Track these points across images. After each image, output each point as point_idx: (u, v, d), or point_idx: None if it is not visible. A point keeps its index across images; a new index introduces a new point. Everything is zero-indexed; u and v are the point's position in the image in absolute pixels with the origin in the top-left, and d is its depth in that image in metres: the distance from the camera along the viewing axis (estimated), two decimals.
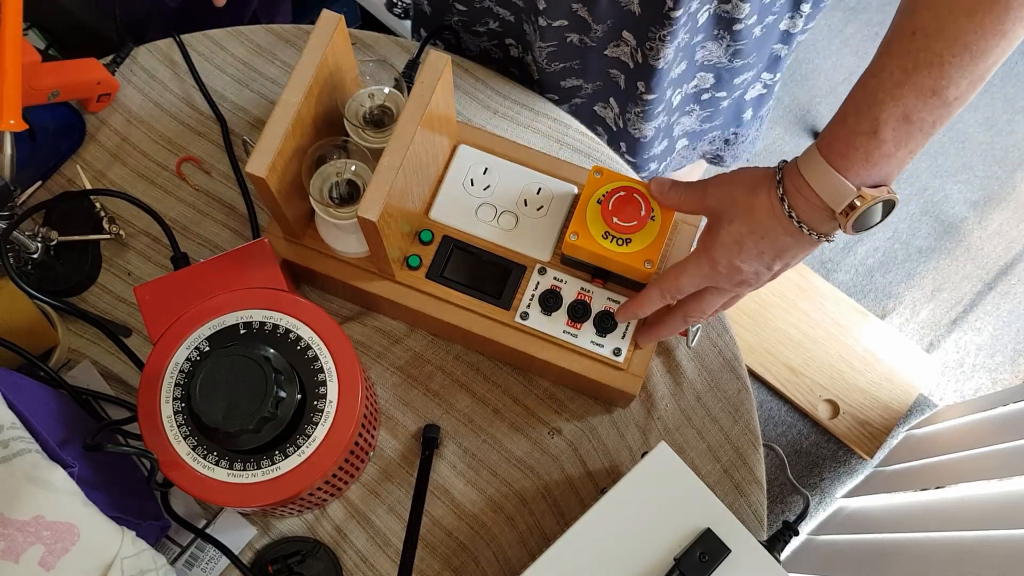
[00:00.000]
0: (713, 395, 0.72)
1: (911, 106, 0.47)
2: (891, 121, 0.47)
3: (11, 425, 0.51)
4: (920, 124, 0.48)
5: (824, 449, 1.48)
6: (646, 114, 0.82)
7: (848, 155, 0.49)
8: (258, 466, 0.55)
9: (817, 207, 0.51)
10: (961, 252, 1.62)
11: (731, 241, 0.55)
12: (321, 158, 0.62)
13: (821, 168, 0.50)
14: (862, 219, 0.50)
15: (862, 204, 0.49)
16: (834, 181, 0.49)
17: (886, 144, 0.48)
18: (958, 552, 0.96)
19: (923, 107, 0.47)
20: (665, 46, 0.72)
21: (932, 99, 0.47)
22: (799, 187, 0.51)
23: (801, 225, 0.52)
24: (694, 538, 0.55)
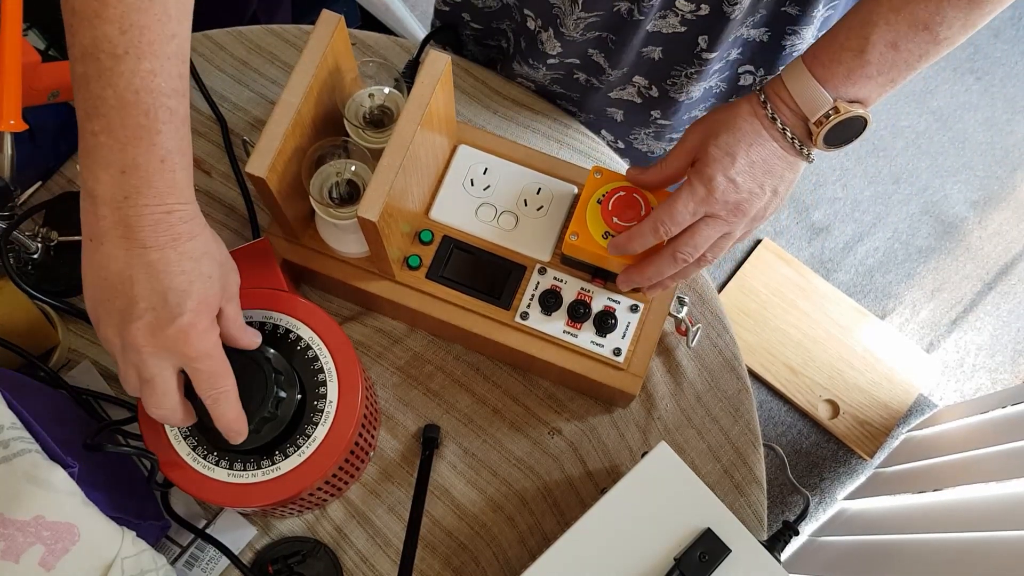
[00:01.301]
0: (713, 395, 0.72)
1: (902, 34, 0.48)
2: (880, 44, 0.49)
3: (11, 425, 0.51)
4: (906, 55, 0.49)
5: (824, 449, 1.48)
6: (659, 134, 0.82)
7: (831, 67, 0.50)
8: (258, 466, 0.55)
9: (796, 114, 0.52)
10: (961, 252, 1.62)
11: (722, 154, 0.54)
12: (321, 158, 0.62)
13: (803, 76, 0.51)
14: (834, 132, 0.52)
15: (835, 116, 0.51)
16: (813, 90, 0.51)
17: (870, 66, 0.50)
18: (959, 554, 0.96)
19: (913, 38, 0.48)
20: (693, 83, 0.73)
21: (923, 33, 0.48)
22: (780, 94, 0.53)
23: (785, 128, 0.53)
24: (694, 538, 0.55)
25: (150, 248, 0.46)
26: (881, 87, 0.51)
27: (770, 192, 0.55)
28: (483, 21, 0.81)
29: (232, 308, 0.52)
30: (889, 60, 0.49)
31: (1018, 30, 1.76)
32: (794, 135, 0.53)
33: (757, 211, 0.56)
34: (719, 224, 0.56)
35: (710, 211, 0.55)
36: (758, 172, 0.54)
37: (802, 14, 0.66)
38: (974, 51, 1.74)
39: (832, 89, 0.51)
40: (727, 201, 0.55)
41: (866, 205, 1.64)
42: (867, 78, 0.50)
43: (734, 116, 0.54)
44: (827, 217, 1.63)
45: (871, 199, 1.64)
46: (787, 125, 0.53)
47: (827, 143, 0.53)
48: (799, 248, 1.61)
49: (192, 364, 0.48)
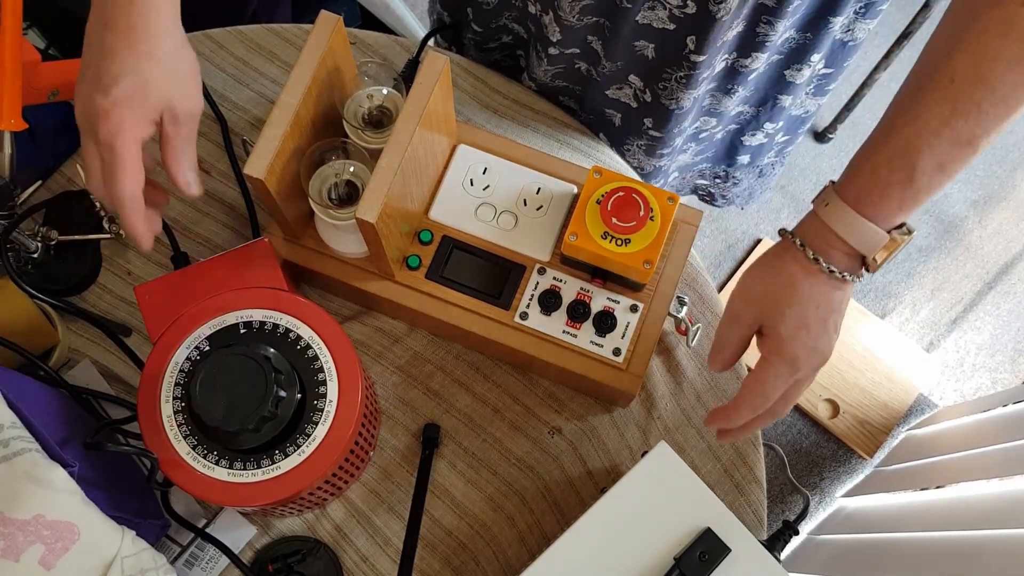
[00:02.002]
0: (713, 394, 0.72)
1: (946, 155, 0.47)
2: (928, 170, 0.48)
3: (11, 424, 0.51)
4: (952, 171, 0.48)
5: (824, 449, 1.48)
6: (650, 149, 0.82)
7: (882, 205, 0.49)
8: (258, 465, 0.55)
9: (851, 256, 0.51)
10: (961, 251, 1.62)
11: (795, 329, 0.52)
12: (320, 159, 0.62)
13: (852, 219, 0.50)
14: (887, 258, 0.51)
15: (894, 246, 0.50)
16: (867, 230, 0.49)
17: (920, 193, 0.49)
18: (958, 551, 0.96)
19: (957, 155, 0.47)
20: (683, 90, 0.72)
21: (966, 148, 0.47)
22: (827, 240, 0.51)
23: (844, 275, 0.51)
24: (694, 537, 0.55)
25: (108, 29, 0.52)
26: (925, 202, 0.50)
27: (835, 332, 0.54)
28: (484, 22, 0.81)
29: (173, 131, 0.54)
30: (937, 182, 0.48)
31: None
32: (852, 275, 0.51)
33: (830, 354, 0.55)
34: (806, 383, 0.55)
35: (799, 378, 0.54)
36: (831, 326, 0.53)
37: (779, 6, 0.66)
38: None
39: (884, 224, 0.50)
40: (813, 364, 0.53)
41: None
42: (917, 203, 0.49)
43: (790, 283, 0.52)
44: None
45: None
46: (844, 270, 0.51)
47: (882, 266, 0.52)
48: None
49: (100, 149, 0.52)
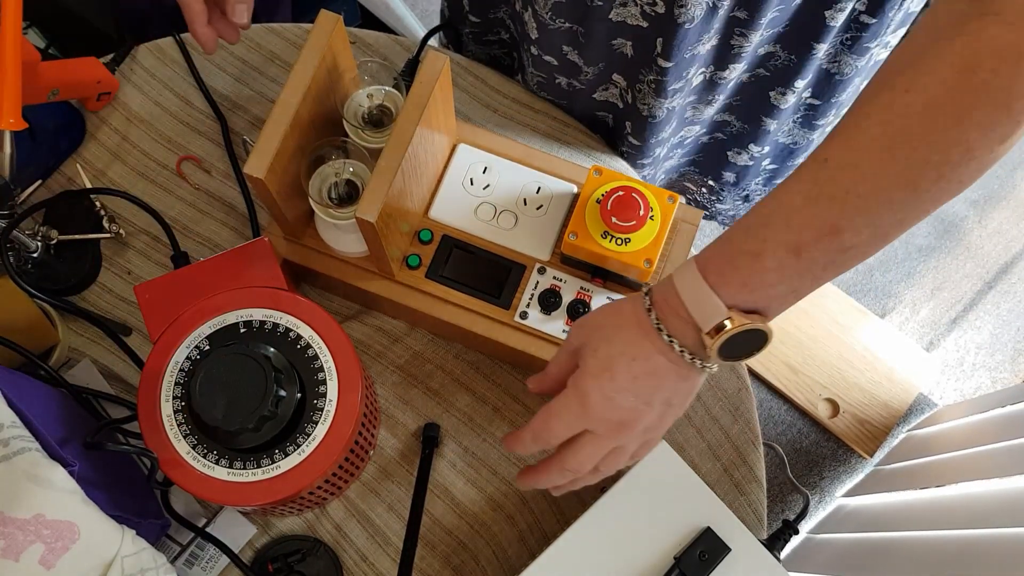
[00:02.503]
0: (713, 394, 0.72)
1: (804, 239, 0.42)
2: (779, 249, 0.43)
3: (11, 424, 0.51)
4: (809, 263, 0.43)
5: (824, 448, 1.48)
6: (631, 157, 0.82)
7: (726, 273, 0.44)
8: (258, 465, 0.55)
9: (686, 323, 0.45)
10: (961, 251, 1.62)
11: (599, 368, 0.47)
12: (320, 158, 0.62)
13: (695, 281, 0.45)
14: (730, 346, 0.45)
15: (731, 328, 0.44)
16: (706, 297, 0.44)
17: (768, 273, 0.43)
18: (958, 551, 0.96)
19: (815, 244, 0.42)
20: (656, 98, 0.71)
21: (827, 239, 0.42)
22: (669, 299, 0.46)
23: (672, 341, 0.46)
24: (694, 537, 0.55)
25: None
26: (783, 298, 0.44)
27: (661, 406, 0.48)
28: (481, 12, 0.81)
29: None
30: (791, 267, 0.43)
31: None
32: (684, 347, 0.46)
33: (648, 425, 0.49)
34: (601, 441, 0.49)
35: (589, 427, 0.49)
36: (643, 389, 0.47)
37: (751, 19, 0.65)
38: None
39: (727, 297, 0.44)
40: (606, 419, 0.48)
41: None
42: (766, 286, 0.43)
43: (616, 324, 0.48)
44: None
45: None
46: (675, 336, 0.46)
47: (722, 355, 0.46)
48: None
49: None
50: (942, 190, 0.41)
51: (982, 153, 0.40)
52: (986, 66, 0.38)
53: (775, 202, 0.44)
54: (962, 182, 0.41)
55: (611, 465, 0.51)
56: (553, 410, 0.49)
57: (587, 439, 0.49)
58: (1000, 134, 0.39)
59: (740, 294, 0.44)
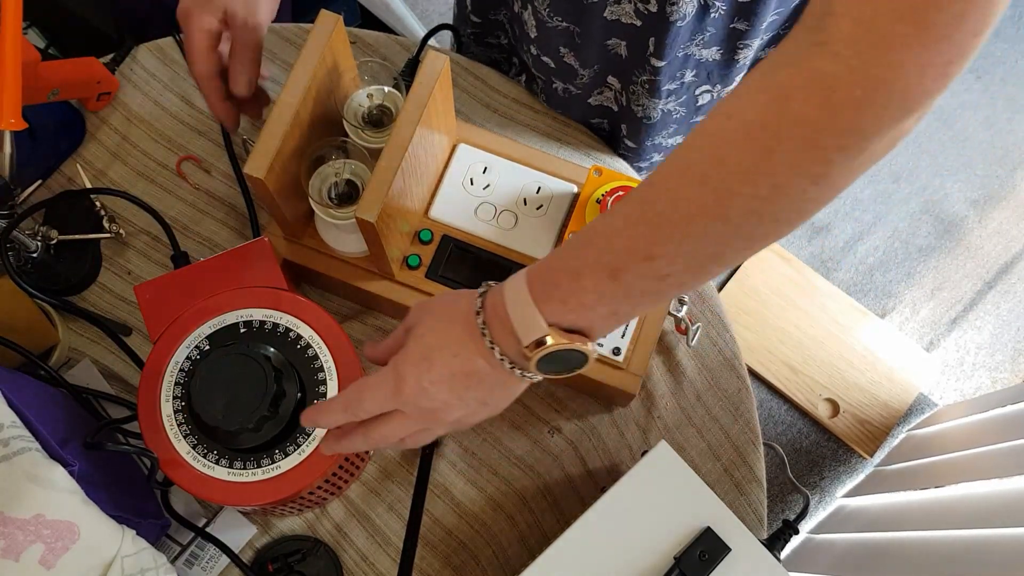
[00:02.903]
0: (713, 394, 0.72)
1: (620, 263, 0.41)
2: (597, 271, 0.42)
3: (11, 424, 0.51)
4: (626, 288, 0.42)
5: (824, 448, 1.48)
6: (627, 159, 0.82)
7: (548, 290, 0.43)
8: (258, 465, 0.55)
9: (509, 333, 0.44)
10: (961, 251, 1.62)
11: (419, 356, 0.47)
12: (320, 158, 0.62)
13: (521, 294, 0.44)
14: (550, 362, 0.44)
15: (549, 345, 0.43)
16: (528, 311, 0.43)
17: (587, 293, 0.42)
18: (958, 551, 0.96)
19: (632, 269, 0.41)
20: (650, 98, 0.71)
21: (643, 264, 0.41)
22: (496, 307, 0.45)
23: (494, 347, 0.45)
24: (694, 537, 0.55)
25: None
26: (604, 320, 0.43)
27: (475, 404, 0.48)
28: (482, 12, 0.81)
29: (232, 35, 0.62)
30: (609, 291, 0.42)
31: (1018, 29, 1.76)
32: (505, 355, 0.45)
33: (458, 417, 0.49)
34: (409, 423, 0.49)
35: (400, 408, 0.48)
36: (458, 386, 0.47)
37: (751, 28, 0.65)
38: None
39: (548, 314, 0.43)
40: (418, 406, 0.48)
41: (866, 204, 1.64)
42: (584, 307, 0.42)
43: (447, 316, 0.47)
44: (827, 216, 1.63)
45: (871, 198, 1.64)
46: (497, 343, 0.45)
47: (541, 370, 0.45)
48: (799, 247, 1.61)
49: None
50: (756, 226, 0.39)
51: (793, 192, 0.38)
52: (798, 97, 0.36)
53: (603, 221, 0.43)
54: (778, 221, 0.39)
55: (415, 442, 0.51)
56: (368, 385, 0.49)
57: (396, 417, 0.49)
58: (811, 173, 0.37)
59: (560, 312, 0.43)
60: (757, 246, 0.41)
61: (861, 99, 0.35)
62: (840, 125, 0.36)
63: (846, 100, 0.35)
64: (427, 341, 0.47)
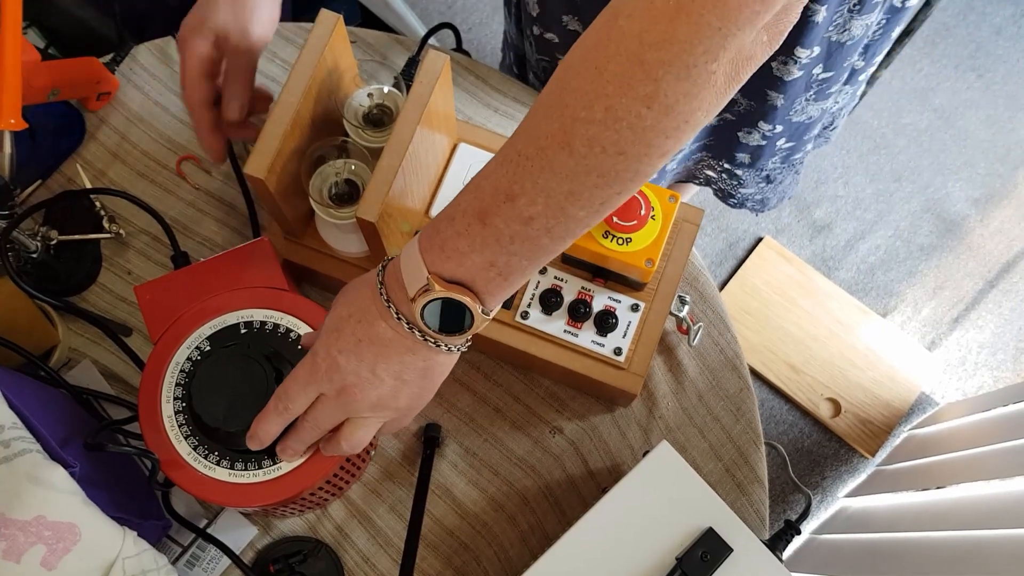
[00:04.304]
0: (715, 394, 0.71)
1: (487, 204, 0.41)
2: (468, 214, 0.42)
3: (12, 425, 0.51)
4: (496, 233, 0.41)
5: (826, 448, 1.48)
6: None
7: (432, 238, 0.44)
8: (259, 466, 0.55)
9: (400, 288, 0.45)
10: (963, 250, 1.62)
11: (331, 327, 0.47)
12: (320, 158, 0.62)
13: (412, 248, 0.44)
14: (437, 316, 0.44)
15: (427, 294, 0.43)
16: (414, 261, 0.44)
17: (459, 238, 0.42)
18: (960, 551, 0.95)
19: (498, 212, 0.41)
20: None
21: (506, 205, 0.41)
22: (394, 266, 0.46)
23: (390, 305, 0.45)
24: (696, 537, 0.55)
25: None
26: (482, 270, 0.43)
27: (391, 380, 0.47)
28: None
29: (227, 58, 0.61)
30: (479, 236, 0.42)
31: (1019, 28, 1.76)
32: (401, 314, 0.45)
33: (378, 399, 0.48)
34: (332, 406, 0.49)
35: (320, 390, 0.49)
36: (367, 355, 0.46)
37: None
38: (976, 48, 1.74)
39: (429, 263, 0.43)
40: (331, 381, 0.47)
41: (868, 203, 1.64)
42: (460, 254, 0.42)
43: (356, 288, 0.48)
44: (828, 215, 1.63)
45: (872, 197, 1.64)
46: (393, 302, 0.45)
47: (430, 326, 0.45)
48: (800, 246, 1.60)
49: None
50: (601, 157, 0.38)
51: (629, 115, 0.37)
52: (624, 11, 0.36)
53: (481, 169, 0.43)
54: (623, 154, 0.38)
55: (354, 440, 0.51)
56: (294, 372, 0.50)
57: (320, 400, 0.49)
58: (640, 93, 0.36)
59: (439, 261, 0.43)
60: (613, 187, 0.40)
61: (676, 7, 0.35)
62: (658, 35, 0.36)
63: (663, 8, 0.35)
64: (337, 312, 0.48)
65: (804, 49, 0.71)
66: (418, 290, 0.43)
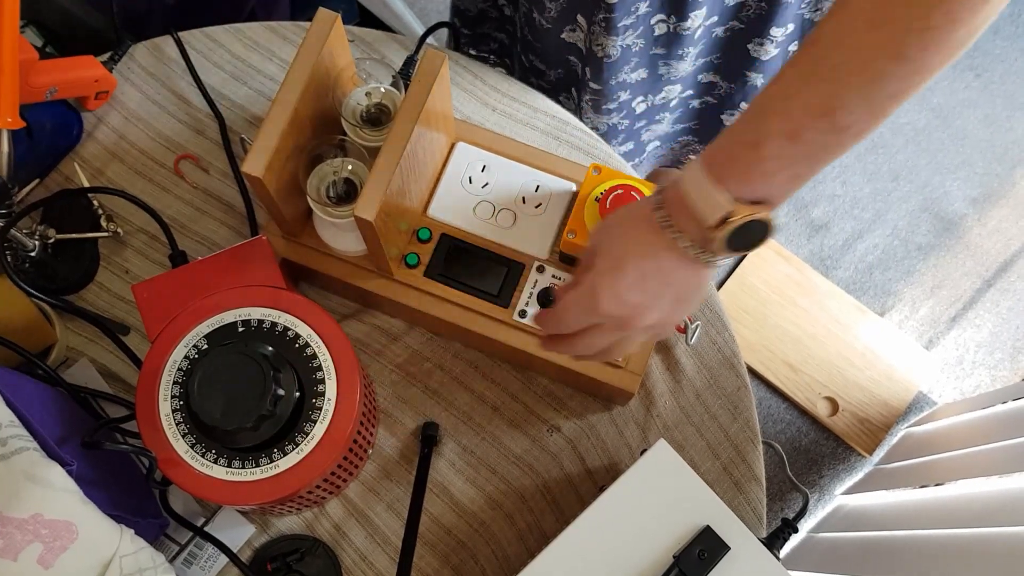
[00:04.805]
0: (712, 392, 0.71)
1: (799, 123, 0.43)
2: (776, 137, 0.43)
3: (9, 423, 0.51)
4: (807, 147, 0.43)
5: (823, 446, 1.48)
6: (596, 104, 0.82)
7: (727, 165, 0.45)
8: (256, 464, 0.55)
9: (691, 218, 0.46)
10: (961, 249, 1.62)
11: (610, 266, 0.49)
12: (318, 157, 0.62)
13: (698, 177, 0.46)
14: (736, 237, 0.46)
15: (734, 220, 0.45)
16: (708, 192, 0.45)
17: (767, 161, 0.44)
18: (957, 549, 0.96)
19: (811, 127, 0.43)
20: (608, 36, 0.71)
21: (822, 120, 0.42)
22: (675, 198, 0.47)
23: (678, 237, 0.47)
24: (693, 535, 0.55)
25: None
26: (785, 184, 0.45)
27: (670, 302, 0.50)
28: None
29: None
30: (789, 154, 0.43)
31: (1017, 27, 1.76)
32: (691, 242, 0.47)
33: (656, 320, 0.51)
34: (607, 333, 0.52)
35: (599, 321, 0.51)
36: (651, 284, 0.49)
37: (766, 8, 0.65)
38: (973, 48, 1.74)
39: (729, 190, 0.45)
40: (612, 315, 0.50)
41: (865, 202, 1.64)
42: (766, 175, 0.44)
43: (628, 223, 0.50)
44: (826, 214, 1.63)
45: (870, 196, 1.64)
46: (682, 232, 0.47)
47: (730, 248, 0.47)
48: (798, 245, 1.60)
49: None
50: (930, 57, 0.40)
51: (965, 14, 0.39)
52: None
53: (771, 90, 0.44)
54: (952, 48, 0.40)
55: (619, 351, 0.54)
56: (567, 303, 0.52)
57: (595, 330, 0.52)
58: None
59: (741, 186, 0.45)
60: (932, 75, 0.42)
61: None
62: None
63: None
64: (615, 251, 0.50)
65: (778, 28, 0.71)
66: (720, 218, 0.45)
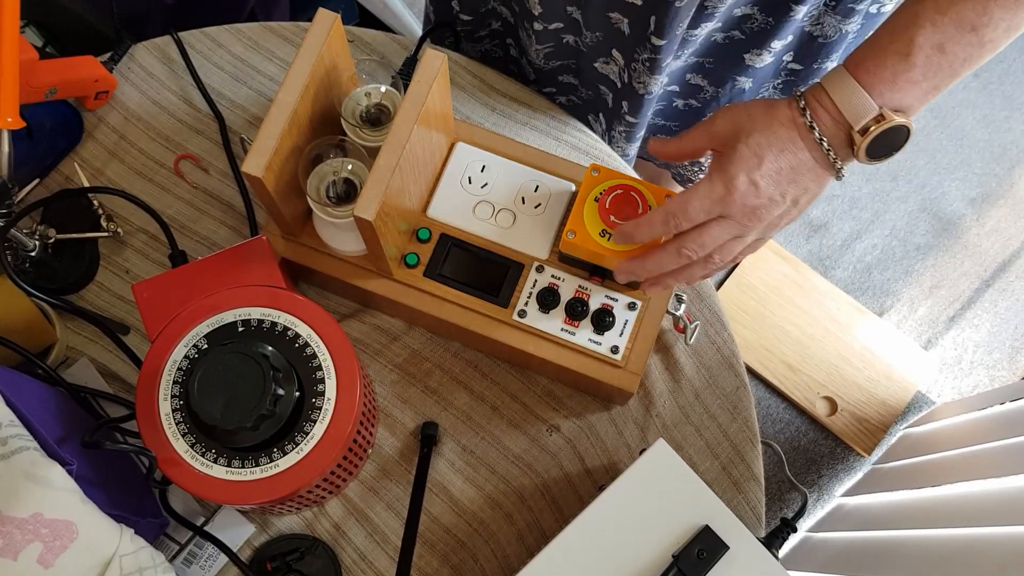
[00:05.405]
0: (711, 392, 0.72)
1: (948, 36, 0.47)
2: (926, 47, 0.48)
3: (9, 423, 0.51)
4: (952, 58, 0.48)
5: (822, 446, 1.48)
6: (629, 135, 0.82)
7: (876, 71, 0.49)
8: (256, 464, 0.55)
9: (838, 123, 0.50)
10: (959, 249, 1.62)
11: (750, 154, 0.51)
12: (318, 157, 0.62)
13: (847, 82, 0.49)
14: (878, 142, 0.50)
15: (881, 124, 0.49)
16: (857, 96, 0.49)
17: (915, 69, 0.48)
18: (956, 549, 0.96)
19: (959, 40, 0.47)
20: (648, 74, 0.71)
21: (970, 35, 0.47)
22: (821, 102, 0.51)
23: (822, 140, 0.51)
24: (692, 535, 0.55)
25: None
26: (925, 94, 0.49)
27: (790, 202, 0.53)
28: (472, 9, 0.81)
29: None
30: (935, 64, 0.48)
31: None
32: (831, 146, 0.51)
33: (773, 219, 0.54)
34: (731, 226, 0.54)
35: (725, 212, 0.53)
36: (783, 180, 0.52)
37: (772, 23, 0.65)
38: None
39: (877, 95, 0.49)
40: (745, 205, 0.52)
41: (864, 202, 1.64)
42: (912, 83, 0.49)
43: (771, 117, 0.52)
44: (825, 214, 1.63)
45: (869, 196, 1.64)
46: (825, 135, 0.51)
47: (869, 155, 0.51)
48: (797, 245, 1.61)
49: None
50: None
51: None
52: None
53: (920, 4, 0.48)
54: None
55: (726, 254, 0.56)
56: (696, 192, 0.53)
57: (716, 222, 0.54)
58: None
59: (889, 92, 0.49)
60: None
61: None
62: None
63: None
64: (756, 141, 0.51)
65: (780, 41, 0.72)
66: (866, 123, 0.49)
